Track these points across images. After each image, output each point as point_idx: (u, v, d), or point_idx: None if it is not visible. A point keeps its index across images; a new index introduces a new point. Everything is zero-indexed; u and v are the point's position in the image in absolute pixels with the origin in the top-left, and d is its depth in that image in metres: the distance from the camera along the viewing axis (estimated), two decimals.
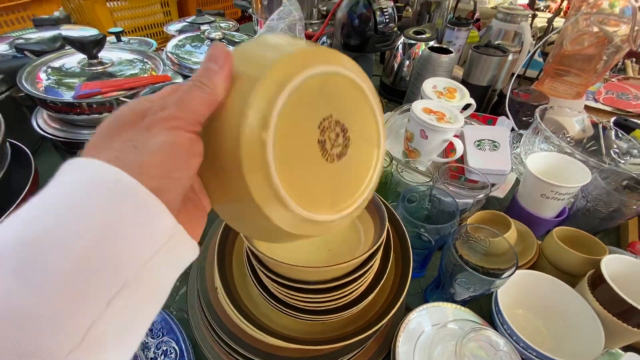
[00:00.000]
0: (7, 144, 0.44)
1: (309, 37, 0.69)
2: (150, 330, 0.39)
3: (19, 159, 0.46)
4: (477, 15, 1.40)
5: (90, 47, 0.50)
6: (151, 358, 0.36)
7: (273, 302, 0.32)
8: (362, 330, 0.33)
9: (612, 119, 0.75)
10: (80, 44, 0.49)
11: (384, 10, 0.59)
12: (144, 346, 0.37)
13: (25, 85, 0.50)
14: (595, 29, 0.69)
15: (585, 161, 0.54)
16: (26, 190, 0.44)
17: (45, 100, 0.48)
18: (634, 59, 1.07)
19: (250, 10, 0.89)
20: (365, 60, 0.71)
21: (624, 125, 0.74)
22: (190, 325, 0.41)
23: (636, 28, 0.66)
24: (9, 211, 0.40)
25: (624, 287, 0.37)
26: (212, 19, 1.03)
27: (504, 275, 0.37)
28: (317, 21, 0.84)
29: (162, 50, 0.83)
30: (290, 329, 0.35)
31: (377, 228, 0.32)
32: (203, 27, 0.99)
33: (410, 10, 1.20)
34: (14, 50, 0.59)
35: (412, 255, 0.38)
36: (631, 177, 0.52)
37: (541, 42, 0.85)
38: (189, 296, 0.44)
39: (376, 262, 0.32)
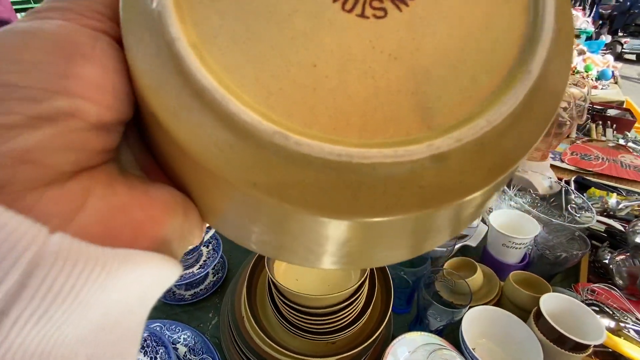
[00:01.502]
0: None
1: None
2: (193, 349, 0.50)
3: None
4: None
5: None
6: None
7: (286, 324, 0.45)
8: (355, 347, 0.44)
9: (573, 178, 0.89)
10: None
11: None
12: None
13: None
14: None
15: (539, 217, 0.66)
16: None
17: None
18: (600, 122, 1.23)
19: None
20: None
21: (583, 184, 0.87)
22: (222, 348, 0.52)
23: (579, 107, 0.82)
24: None
25: (560, 319, 0.48)
26: None
27: (462, 309, 0.48)
28: None
29: None
30: (300, 349, 0.47)
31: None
32: None
33: None
34: None
35: (395, 292, 0.50)
36: (577, 230, 0.64)
37: None
38: (220, 324, 0.56)
39: (364, 292, 0.45)
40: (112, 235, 0.09)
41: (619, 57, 6.17)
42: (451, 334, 0.56)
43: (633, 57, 6.22)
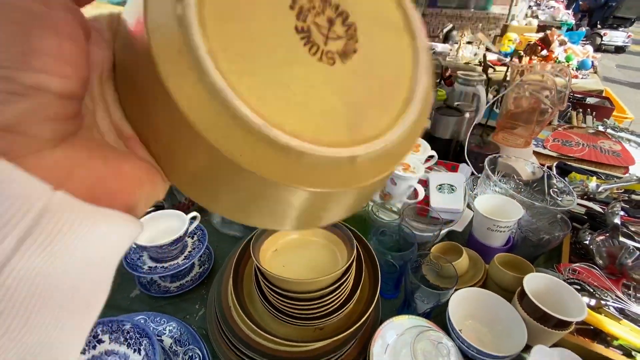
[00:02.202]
0: None
1: None
2: (179, 340, 0.49)
3: None
4: (448, 72, 1.62)
5: None
6: None
7: (274, 311, 0.44)
8: (343, 331, 0.44)
9: (555, 164, 0.91)
10: None
11: None
12: (174, 353, 0.48)
13: None
14: (527, 94, 0.86)
15: (522, 201, 0.67)
16: None
17: None
18: (580, 110, 1.25)
19: None
20: None
21: (564, 169, 0.89)
22: (209, 339, 0.51)
23: (560, 94, 0.83)
24: None
25: (543, 298, 0.49)
26: None
27: (449, 291, 0.49)
28: None
29: None
30: (288, 335, 0.46)
31: (349, 250, 0.45)
32: None
33: None
34: None
35: (382, 277, 0.50)
36: (559, 213, 0.65)
37: (493, 100, 1.03)
38: (207, 315, 0.55)
39: (351, 277, 0.45)
40: (93, 200, 0.11)
41: (598, 49, 6.35)
42: (438, 316, 0.56)
43: (612, 48, 6.40)
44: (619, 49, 6.36)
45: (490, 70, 1.63)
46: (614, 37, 6.16)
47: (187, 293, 0.59)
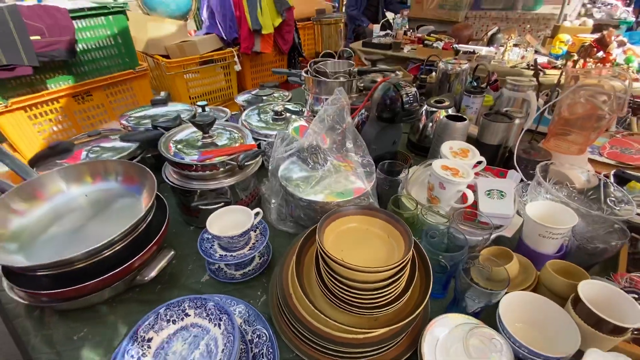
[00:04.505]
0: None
1: (351, 110, 0.90)
2: (247, 320, 0.56)
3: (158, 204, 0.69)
4: (494, 77, 1.60)
5: (206, 127, 0.74)
6: (249, 339, 0.53)
7: (332, 297, 0.49)
8: (396, 323, 0.48)
9: (612, 172, 0.87)
10: (200, 125, 0.73)
11: (409, 93, 0.79)
12: (244, 334, 0.54)
13: (163, 152, 0.73)
14: (583, 100, 0.84)
15: (577, 209, 0.67)
16: (163, 227, 0.65)
17: (174, 161, 0.71)
18: None
19: (303, 86, 1.15)
20: (395, 128, 0.91)
21: (623, 177, 0.86)
22: (271, 320, 0.57)
23: (619, 100, 0.81)
24: (151, 244, 0.61)
25: (598, 306, 0.49)
26: (272, 90, 1.30)
27: (501, 291, 0.51)
28: (355, 95, 1.07)
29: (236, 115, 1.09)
30: (344, 322, 0.51)
31: (407, 246, 0.48)
32: (264, 98, 1.26)
33: (433, 76, 1.42)
34: (149, 125, 0.86)
35: (433, 277, 0.54)
36: (616, 222, 0.64)
37: (546, 106, 1.01)
38: (269, 301, 0.61)
39: (405, 273, 0.48)
40: None
41: None
42: (487, 318, 0.58)
43: None
44: None
45: (540, 74, 1.57)
46: None
47: (250, 281, 0.66)
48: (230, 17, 2.18)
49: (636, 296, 0.54)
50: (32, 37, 1.30)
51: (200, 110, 1.13)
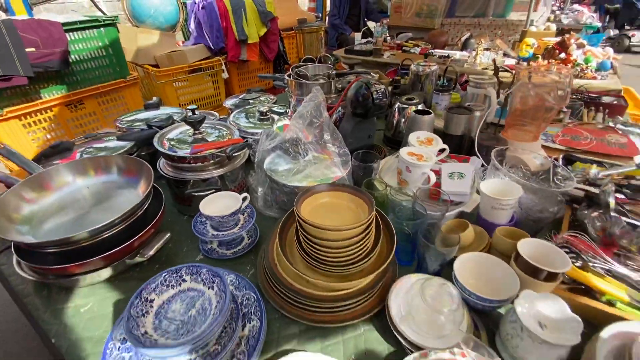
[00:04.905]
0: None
1: (329, 108, 1.00)
2: (237, 287, 0.63)
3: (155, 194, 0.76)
4: (464, 77, 1.72)
5: (197, 124, 0.82)
6: (240, 302, 0.61)
7: (309, 258, 0.57)
8: (365, 279, 0.56)
9: (562, 155, 0.99)
10: (191, 122, 0.81)
11: (378, 90, 0.89)
12: (234, 297, 0.62)
13: (158, 146, 0.81)
14: (532, 94, 0.96)
15: (524, 185, 0.77)
16: (161, 211, 0.73)
17: (169, 155, 0.79)
18: (593, 108, 1.31)
19: (286, 89, 1.24)
20: (369, 122, 1.01)
21: (570, 160, 0.97)
22: (259, 287, 0.65)
23: (560, 93, 0.92)
24: (145, 230, 0.68)
25: (535, 259, 0.59)
26: (257, 94, 1.40)
27: (454, 247, 0.60)
28: (334, 95, 1.17)
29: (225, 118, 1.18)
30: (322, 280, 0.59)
31: (370, 210, 0.57)
32: (251, 101, 1.35)
33: (407, 79, 1.54)
34: (144, 124, 0.93)
35: (398, 245, 0.62)
36: (557, 194, 0.74)
37: (500, 99, 1.13)
38: (257, 272, 0.69)
39: (372, 231, 0.57)
40: None
41: (627, 50, 6.12)
42: (446, 276, 0.67)
43: None
44: None
45: (507, 75, 1.72)
46: None
47: (240, 258, 0.74)
48: (217, 27, 2.27)
49: (568, 250, 0.64)
50: (27, 49, 1.37)
51: (190, 113, 1.21)
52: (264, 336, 0.57)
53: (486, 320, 0.61)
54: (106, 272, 0.66)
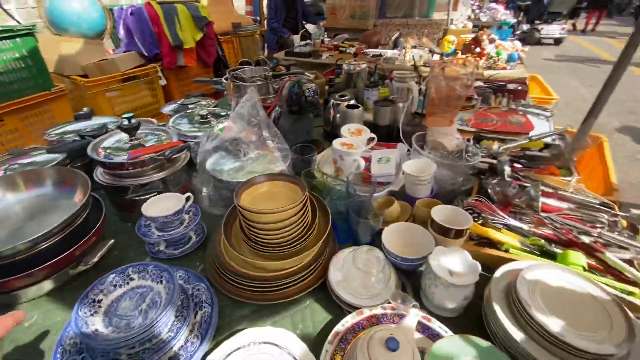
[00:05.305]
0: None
1: (266, 107, 1.05)
2: (187, 280, 0.67)
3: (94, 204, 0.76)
4: (393, 74, 1.87)
5: (133, 130, 0.83)
6: (190, 293, 0.64)
7: (251, 243, 0.62)
8: (306, 256, 0.63)
9: (472, 136, 1.14)
10: (127, 128, 0.82)
11: (310, 88, 0.97)
12: (184, 289, 0.65)
13: (92, 155, 0.81)
14: (444, 84, 1.10)
15: (439, 162, 0.89)
16: (102, 219, 0.73)
17: (105, 162, 0.79)
18: (500, 94, 1.52)
19: (225, 92, 1.27)
20: (306, 119, 1.08)
21: (480, 139, 1.13)
22: (208, 278, 0.69)
23: (466, 82, 1.07)
24: (86, 237, 0.68)
25: (447, 222, 0.70)
26: (197, 99, 1.40)
27: (379, 218, 0.69)
28: (272, 95, 1.22)
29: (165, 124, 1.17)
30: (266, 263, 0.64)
31: (302, 192, 0.64)
32: (190, 107, 1.35)
33: (341, 77, 1.64)
34: (75, 136, 0.91)
35: (336, 224, 0.70)
36: (466, 167, 0.88)
37: (419, 90, 1.27)
38: (206, 265, 0.72)
39: (308, 212, 0.64)
40: None
41: (538, 42, 6.99)
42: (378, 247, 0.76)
43: (551, 41, 7.04)
44: (557, 41, 7.03)
45: (428, 69, 1.87)
46: (550, 30, 6.82)
47: (188, 255, 0.77)
48: (149, 34, 2.21)
49: (472, 212, 0.76)
50: None
51: (126, 122, 1.19)
52: (216, 319, 0.61)
53: (413, 279, 0.71)
54: (48, 284, 0.65)
